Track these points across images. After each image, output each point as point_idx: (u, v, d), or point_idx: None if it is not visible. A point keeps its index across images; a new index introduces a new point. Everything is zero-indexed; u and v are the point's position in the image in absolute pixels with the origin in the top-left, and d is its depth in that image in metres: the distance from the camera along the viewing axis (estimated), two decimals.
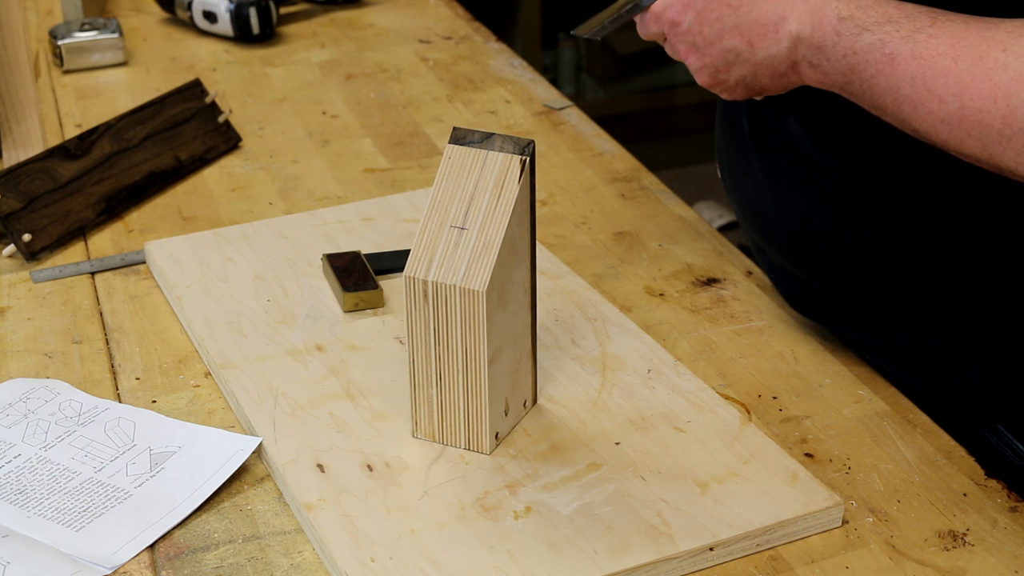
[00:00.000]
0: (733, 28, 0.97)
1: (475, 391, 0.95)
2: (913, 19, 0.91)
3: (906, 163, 1.00)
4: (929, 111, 0.89)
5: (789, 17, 0.95)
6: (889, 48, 0.91)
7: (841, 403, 1.04)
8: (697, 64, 1.01)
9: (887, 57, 0.91)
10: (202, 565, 0.90)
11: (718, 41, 0.98)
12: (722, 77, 1.00)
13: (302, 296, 1.17)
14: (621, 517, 0.91)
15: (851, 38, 0.92)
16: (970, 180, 0.97)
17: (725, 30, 0.98)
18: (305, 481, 0.95)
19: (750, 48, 0.97)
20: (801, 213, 1.06)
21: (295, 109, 1.58)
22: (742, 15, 0.97)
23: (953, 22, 0.89)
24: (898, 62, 0.90)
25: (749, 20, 0.97)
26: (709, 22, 0.98)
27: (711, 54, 0.99)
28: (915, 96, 0.90)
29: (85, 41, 1.67)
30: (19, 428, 1.02)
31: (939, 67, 0.89)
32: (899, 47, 0.90)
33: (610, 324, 1.12)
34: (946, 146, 0.90)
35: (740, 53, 0.98)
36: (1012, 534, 0.91)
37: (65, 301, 1.20)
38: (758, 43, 0.97)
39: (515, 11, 3.27)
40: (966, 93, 0.87)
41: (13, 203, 1.27)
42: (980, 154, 0.88)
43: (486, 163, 0.95)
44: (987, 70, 0.86)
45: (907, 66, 0.90)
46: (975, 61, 0.87)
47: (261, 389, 1.04)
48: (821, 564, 0.89)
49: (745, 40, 0.97)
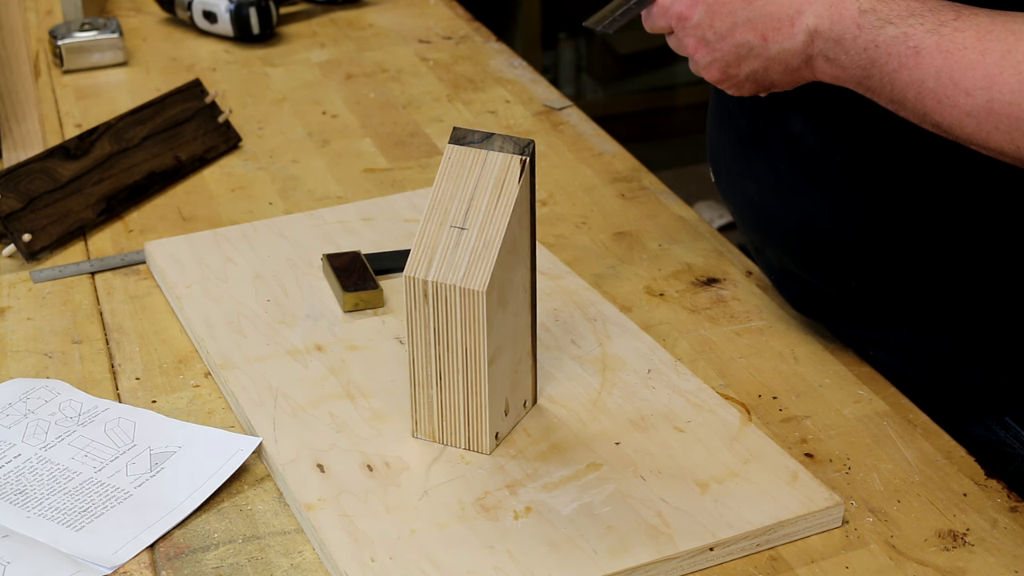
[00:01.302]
0: (746, 22, 0.96)
1: (475, 391, 0.95)
2: (937, 12, 0.90)
3: (914, 158, 1.00)
4: (954, 104, 0.89)
5: (807, 11, 0.94)
6: (914, 41, 0.90)
7: (841, 403, 1.04)
8: (707, 59, 1.00)
9: (912, 50, 0.90)
10: (202, 565, 0.90)
11: (730, 36, 0.97)
12: (732, 72, 0.99)
13: (302, 296, 1.17)
14: (621, 517, 0.91)
15: (873, 31, 0.91)
16: (978, 173, 0.97)
17: (737, 24, 0.96)
18: (305, 481, 0.95)
19: (763, 43, 0.96)
20: (806, 212, 1.06)
21: (295, 109, 1.58)
22: (756, 8, 0.95)
23: (977, 16, 0.89)
24: (923, 55, 0.89)
25: (763, 14, 0.95)
26: (721, 16, 0.97)
27: (722, 49, 0.98)
28: (940, 90, 0.89)
29: (85, 41, 1.67)
30: (19, 428, 1.02)
31: (966, 60, 0.88)
32: (924, 40, 0.89)
33: (610, 324, 1.12)
34: (970, 140, 0.89)
35: (752, 47, 0.97)
36: (1012, 534, 0.91)
37: (65, 301, 1.20)
38: (772, 37, 0.95)
39: (515, 11, 3.27)
40: (995, 86, 0.86)
41: (13, 203, 1.27)
42: (1007, 147, 0.88)
43: (486, 163, 0.95)
44: (1016, 63, 0.86)
45: (932, 59, 0.89)
46: (1003, 54, 0.86)
47: (261, 389, 1.04)
48: (821, 564, 0.89)
49: (759, 34, 0.96)
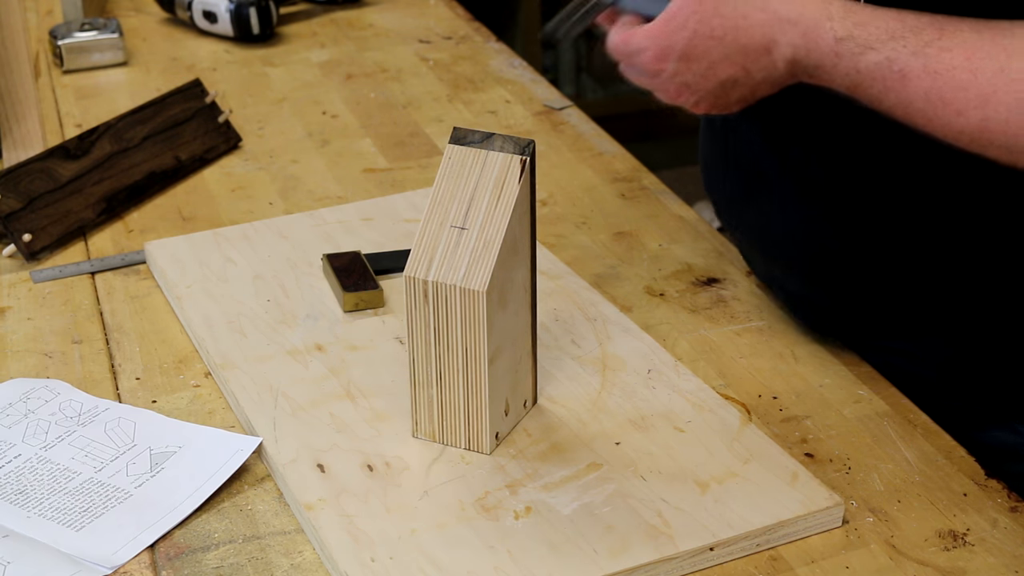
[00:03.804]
0: (723, 59, 0.94)
1: (475, 391, 0.95)
2: (919, 32, 0.87)
3: (915, 175, 0.99)
4: (946, 124, 0.87)
5: (780, 40, 0.91)
6: (899, 65, 0.87)
7: (841, 403, 1.04)
8: (693, 100, 0.97)
9: (897, 74, 0.87)
10: (202, 565, 0.90)
11: (711, 75, 0.95)
12: (721, 103, 0.97)
13: (302, 296, 1.17)
14: (621, 517, 0.91)
15: (853, 58, 0.89)
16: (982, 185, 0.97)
17: (715, 63, 0.94)
18: (305, 481, 0.95)
19: (746, 74, 0.94)
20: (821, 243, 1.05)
21: (295, 109, 1.58)
22: (729, 44, 0.93)
23: (963, 31, 0.86)
24: (910, 79, 0.87)
25: (737, 48, 0.93)
26: (695, 59, 0.94)
27: (706, 87, 0.96)
28: (930, 110, 0.87)
29: (85, 41, 1.67)
30: (19, 428, 1.02)
31: (957, 81, 0.85)
32: (910, 63, 0.87)
33: (610, 324, 1.12)
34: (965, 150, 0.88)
35: (737, 80, 0.95)
36: (1012, 534, 0.91)
37: (65, 301, 1.20)
38: (753, 67, 0.94)
39: (515, 11, 3.27)
40: (989, 105, 0.85)
41: (13, 203, 1.27)
42: (1004, 159, 0.86)
43: (486, 163, 0.95)
44: (1011, 81, 0.84)
45: (920, 82, 0.87)
46: (996, 73, 0.84)
47: (261, 389, 1.04)
48: (821, 564, 0.89)
49: (739, 68, 0.94)
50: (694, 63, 0.95)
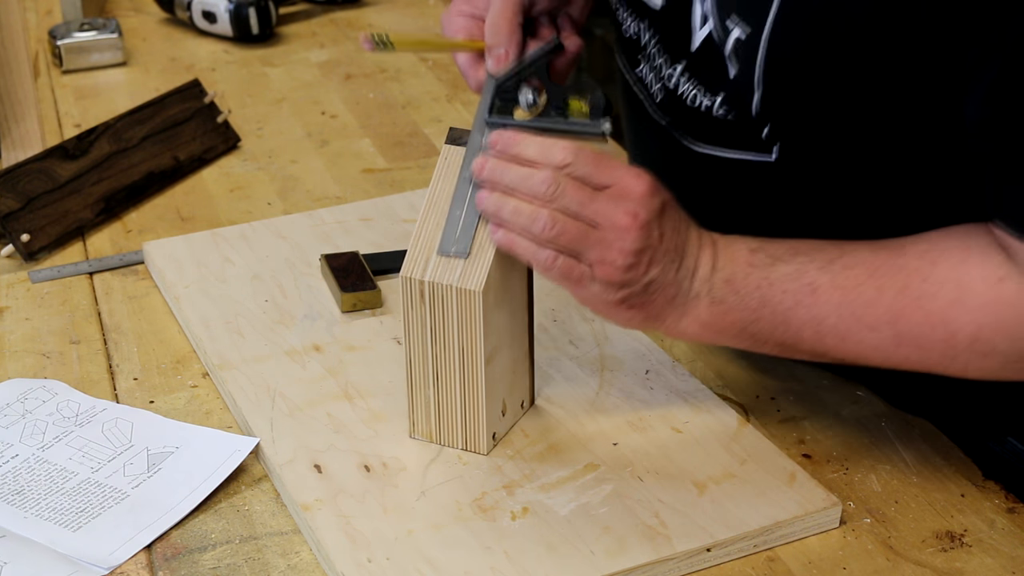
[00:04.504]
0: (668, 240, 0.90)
1: (472, 391, 0.95)
2: (822, 251, 0.89)
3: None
4: (860, 340, 0.88)
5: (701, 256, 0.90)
6: (808, 278, 0.88)
7: (839, 404, 1.04)
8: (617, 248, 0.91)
9: (807, 287, 0.88)
10: (199, 566, 0.90)
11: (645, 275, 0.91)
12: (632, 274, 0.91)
13: (300, 296, 1.17)
14: (618, 518, 0.90)
15: (765, 268, 0.89)
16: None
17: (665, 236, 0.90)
18: (302, 481, 0.94)
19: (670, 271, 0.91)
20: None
21: (294, 109, 1.58)
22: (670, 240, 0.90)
23: (860, 251, 0.88)
24: (820, 292, 0.88)
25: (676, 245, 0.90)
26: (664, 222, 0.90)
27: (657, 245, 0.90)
28: (842, 325, 0.88)
29: (84, 41, 1.67)
30: (17, 428, 1.02)
31: (864, 297, 0.87)
32: (818, 277, 0.88)
33: (608, 324, 1.11)
34: (880, 366, 0.90)
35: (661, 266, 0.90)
36: (1009, 535, 0.91)
37: (63, 301, 1.20)
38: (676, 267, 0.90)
39: None
40: (900, 321, 0.86)
41: (11, 203, 1.27)
42: (920, 368, 0.88)
43: None
44: (915, 299, 0.86)
45: (830, 296, 0.88)
46: (900, 291, 0.86)
47: (259, 389, 1.04)
48: (819, 565, 0.89)
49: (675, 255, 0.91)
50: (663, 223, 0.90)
